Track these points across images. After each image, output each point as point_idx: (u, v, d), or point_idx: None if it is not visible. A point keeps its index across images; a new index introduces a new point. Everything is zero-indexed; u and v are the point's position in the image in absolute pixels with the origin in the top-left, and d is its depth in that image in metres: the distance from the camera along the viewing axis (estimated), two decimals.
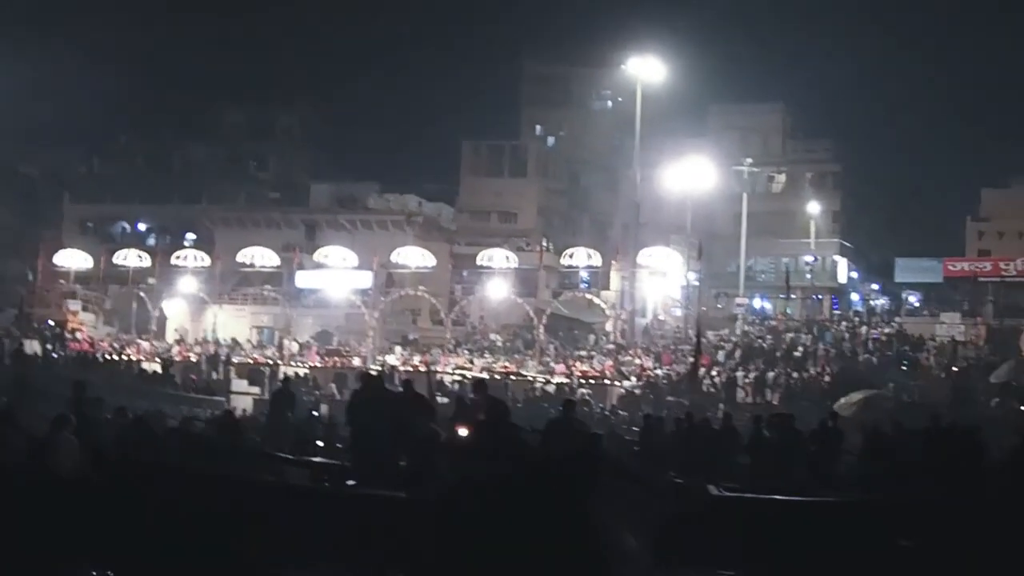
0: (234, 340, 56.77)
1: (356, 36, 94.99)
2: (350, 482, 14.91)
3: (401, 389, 20.90)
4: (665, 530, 11.97)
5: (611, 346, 53.71)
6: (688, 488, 15.28)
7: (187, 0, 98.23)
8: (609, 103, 77.89)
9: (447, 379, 49.47)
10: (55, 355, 48.44)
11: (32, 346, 50.68)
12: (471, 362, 51.95)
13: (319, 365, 53.10)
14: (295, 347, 55.26)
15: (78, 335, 57.30)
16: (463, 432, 16.98)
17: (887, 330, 56.61)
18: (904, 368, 49.22)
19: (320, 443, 24.78)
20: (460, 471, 12.91)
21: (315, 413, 32.92)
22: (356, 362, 53.05)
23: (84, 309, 62.04)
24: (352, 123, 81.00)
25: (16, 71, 66.04)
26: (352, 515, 11.94)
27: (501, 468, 12.34)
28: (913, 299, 68.15)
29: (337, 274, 57.98)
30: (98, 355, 52.10)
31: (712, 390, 46.18)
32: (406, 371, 49.03)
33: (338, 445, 23.56)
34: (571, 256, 57.26)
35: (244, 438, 18.76)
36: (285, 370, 50.92)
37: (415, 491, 12.67)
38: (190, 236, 70.13)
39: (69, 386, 35.50)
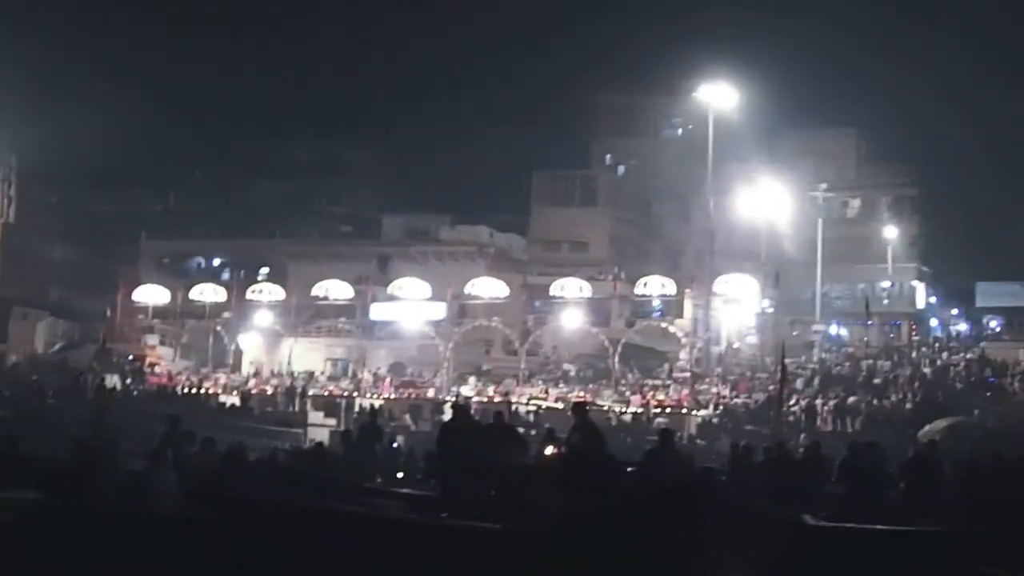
0: (309, 372, 57.03)
1: (425, 69, 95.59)
2: (442, 514, 14.80)
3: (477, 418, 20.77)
4: (770, 563, 11.75)
5: (686, 375, 53.29)
6: (784, 518, 14.99)
7: (256, 42, 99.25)
8: (679, 131, 77.48)
9: (521, 410, 49.31)
10: (135, 391, 48.82)
11: (112, 381, 51.31)
12: (546, 392, 51.79)
13: (394, 396, 53.15)
14: (370, 378, 55.39)
15: (156, 369, 57.89)
16: (549, 451, 16.81)
17: (969, 356, 55.74)
18: (988, 394, 48.39)
19: (400, 474, 24.77)
20: (559, 502, 12.74)
21: (395, 444, 32.90)
22: (430, 393, 53.14)
23: (162, 343, 62.75)
24: (422, 156, 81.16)
25: (92, 113, 67.23)
26: (448, 547, 11.79)
27: (602, 500, 12.18)
28: (995, 324, 67.06)
29: (411, 306, 58.12)
30: (177, 389, 52.50)
31: (790, 418, 45.64)
32: (480, 402, 49.11)
33: (417, 476, 23.54)
34: (645, 285, 56.99)
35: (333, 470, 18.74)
36: (361, 402, 51.15)
37: (511, 523, 12.51)
38: (264, 270, 70.79)
39: (147, 420, 36.02)
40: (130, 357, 58.61)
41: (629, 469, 15.55)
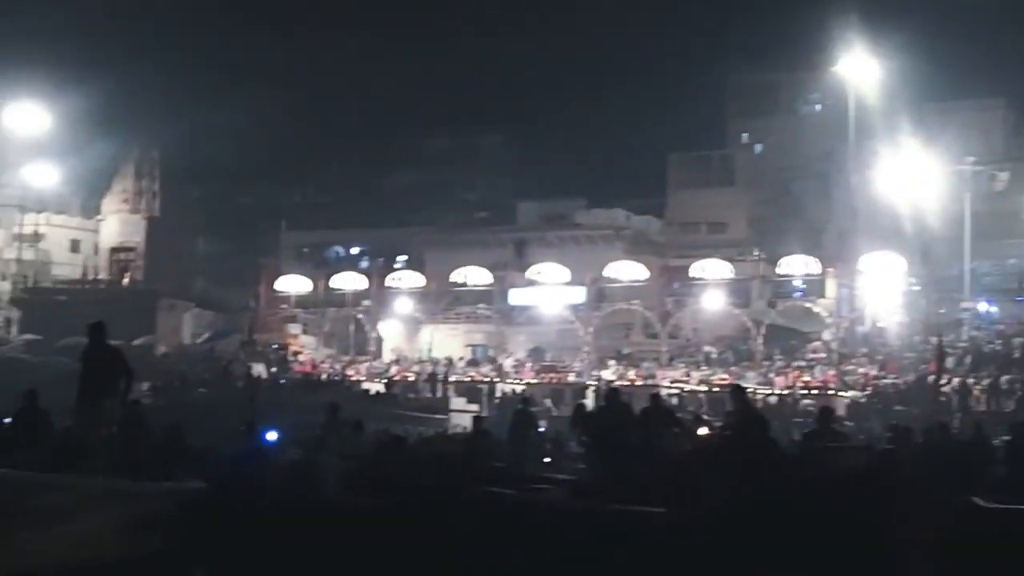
0: (449, 359, 57.35)
1: (558, 54, 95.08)
2: (598, 500, 14.59)
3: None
4: (943, 549, 11.32)
5: (822, 355, 52.34)
6: (955, 501, 14.45)
7: (391, 32, 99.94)
8: (818, 107, 76.03)
9: (662, 393, 48.87)
10: (282, 380, 49.54)
11: (257, 370, 52.20)
12: (688, 375, 51.35)
13: (535, 381, 53.15)
14: (511, 364, 55.49)
15: (300, 358, 58.71)
16: (702, 432, 16.52)
17: None
18: None
19: (547, 459, 24.63)
20: (722, 487, 12.45)
21: (541, 430, 32.80)
22: (571, 378, 53.03)
23: (304, 332, 63.67)
24: (556, 140, 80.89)
25: (232, 108, 68.42)
26: (613, 533, 11.58)
27: (767, 483, 11.88)
28: None
29: (549, 290, 58.05)
30: (321, 377, 53.17)
31: (942, 398, 44.48)
32: (623, 386, 48.88)
33: (563, 461, 23.37)
34: (787, 264, 56.08)
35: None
36: (502, 387, 51.27)
37: (674, 508, 12.26)
38: (401, 258, 71.49)
39: (295, 409, 36.47)
40: (274, 346, 59.53)
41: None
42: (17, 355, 58.17)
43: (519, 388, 51.63)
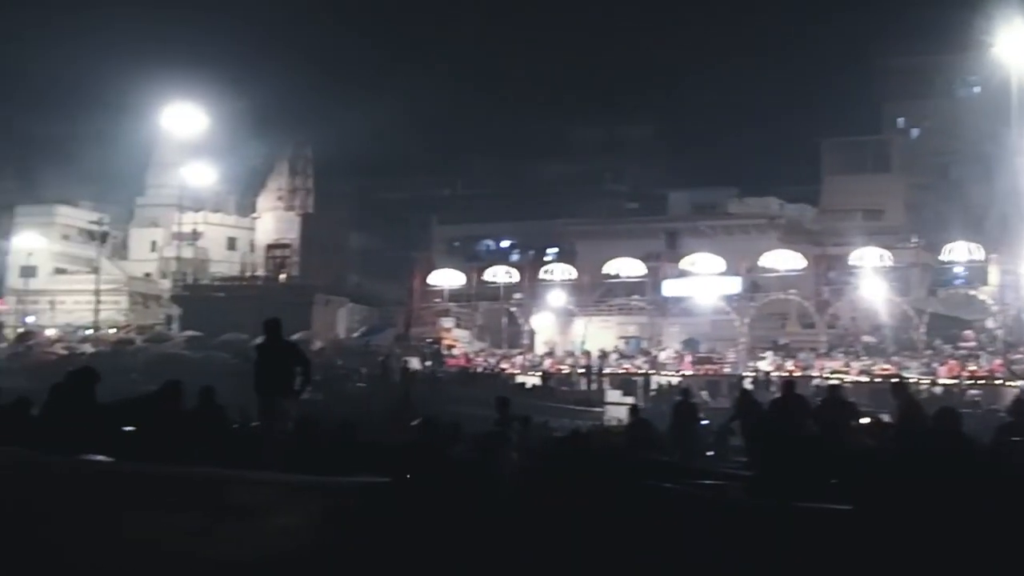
0: (602, 351, 57.14)
1: (709, 42, 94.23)
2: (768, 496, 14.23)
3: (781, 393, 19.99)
4: None
5: (992, 344, 50.77)
6: None
7: (539, 24, 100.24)
8: (976, 89, 73.81)
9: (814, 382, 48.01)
10: (439, 374, 49.87)
11: (412, 364, 52.65)
12: (847, 365, 50.30)
13: (690, 373, 52.64)
14: (666, 355, 55.08)
15: (454, 351, 59.07)
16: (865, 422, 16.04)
17: None
18: None
19: (710, 452, 24.26)
20: (905, 484, 12.01)
21: (704, 422, 32.38)
22: (727, 369, 52.41)
23: (457, 326, 64.09)
24: (707, 129, 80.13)
25: (382, 104, 69.23)
26: (794, 531, 11.26)
27: (956, 481, 11.43)
28: None
29: (704, 281, 57.46)
30: (475, 370, 53.42)
31: None
32: (780, 377, 48.19)
33: (723, 455, 22.96)
34: (949, 251, 54.57)
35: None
36: (658, 379, 50.93)
37: (857, 505, 11.87)
38: (552, 250, 71.56)
39: (452, 402, 36.60)
40: (428, 340, 60.02)
41: None
42: (179, 351, 59.54)
43: (674, 380, 51.17)
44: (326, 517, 10.22)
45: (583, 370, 52.64)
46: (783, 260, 56.58)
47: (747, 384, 48.19)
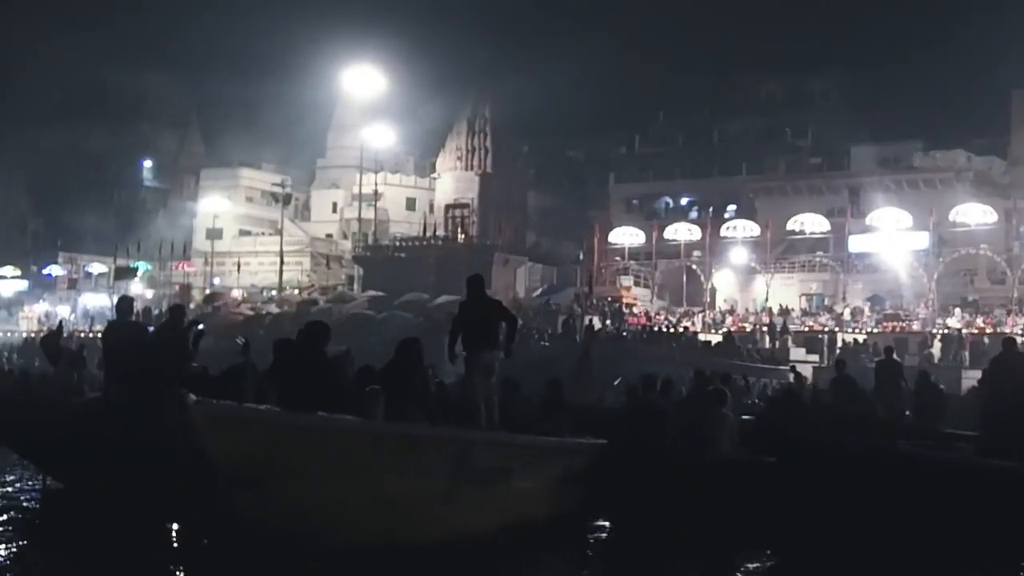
0: (784, 308, 56.19)
1: None
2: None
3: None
4: None
5: None
6: None
7: None
8: None
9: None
10: (624, 332, 49.53)
11: (594, 323, 52.38)
12: None
13: (876, 331, 51.35)
14: (849, 313, 53.88)
15: (635, 310, 58.69)
16: None
17: None
18: None
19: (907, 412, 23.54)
20: None
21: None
22: (915, 326, 50.99)
23: (635, 284, 63.72)
24: (890, 82, 77.99)
25: (560, 62, 69.00)
26: None
27: None
28: None
29: (891, 236, 56.02)
30: (659, 328, 52.95)
31: None
32: (970, 334, 46.86)
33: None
34: None
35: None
36: (843, 336, 49.83)
37: None
38: (731, 208, 70.66)
39: (640, 361, 36.25)
40: (608, 299, 59.78)
41: None
42: (362, 311, 60.34)
43: (860, 338, 49.93)
44: (561, 480, 10.12)
45: (767, 327, 51.70)
46: (976, 214, 54.78)
47: (936, 342, 47.01)
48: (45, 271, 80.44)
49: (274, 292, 71.52)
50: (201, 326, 14.89)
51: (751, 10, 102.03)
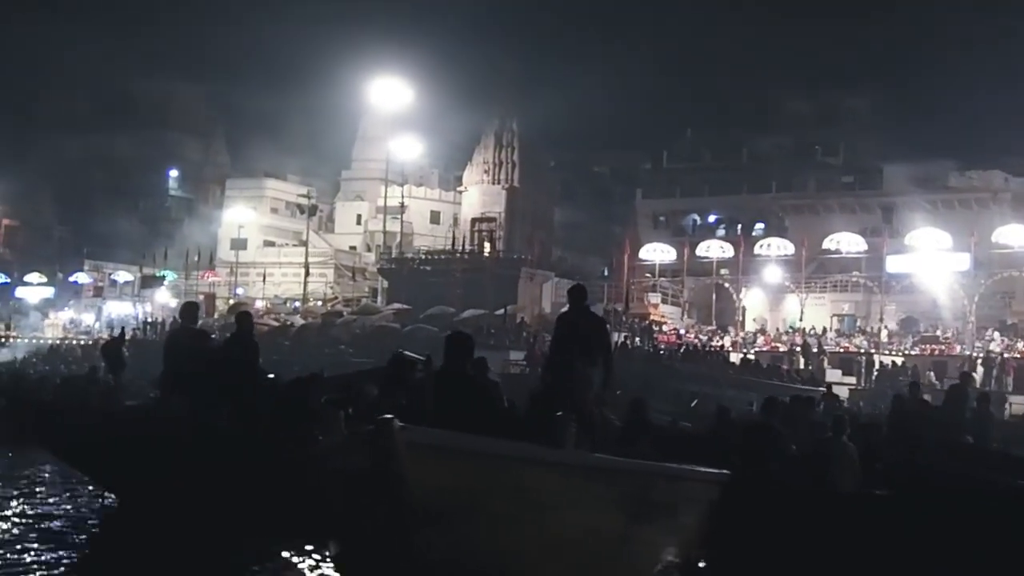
0: (816, 328, 55.48)
1: (925, 8, 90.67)
2: None
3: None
4: None
5: None
6: None
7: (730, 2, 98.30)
8: None
9: None
10: (662, 351, 48.75)
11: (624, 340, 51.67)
12: None
13: (914, 353, 50.59)
14: (886, 334, 53.13)
15: (664, 328, 57.98)
16: None
17: None
18: None
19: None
20: None
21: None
22: (956, 349, 50.25)
23: (663, 302, 63.00)
24: (924, 100, 77.08)
25: (587, 77, 68.43)
26: None
27: None
28: None
29: (931, 257, 55.28)
30: (688, 347, 52.24)
31: None
32: (1013, 358, 46.04)
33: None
34: None
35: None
36: (880, 358, 49.08)
37: None
38: (759, 226, 69.91)
39: (674, 379, 35.52)
40: (636, 316, 59.09)
41: None
42: (387, 323, 59.77)
43: (898, 360, 49.19)
44: (706, 515, 9.39)
45: (802, 348, 50.96)
46: (1015, 236, 54.07)
47: (978, 365, 46.19)
48: (71, 278, 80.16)
49: (298, 303, 71.01)
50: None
51: (780, 26, 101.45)
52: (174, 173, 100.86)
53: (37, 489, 14.72)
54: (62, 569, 9.64)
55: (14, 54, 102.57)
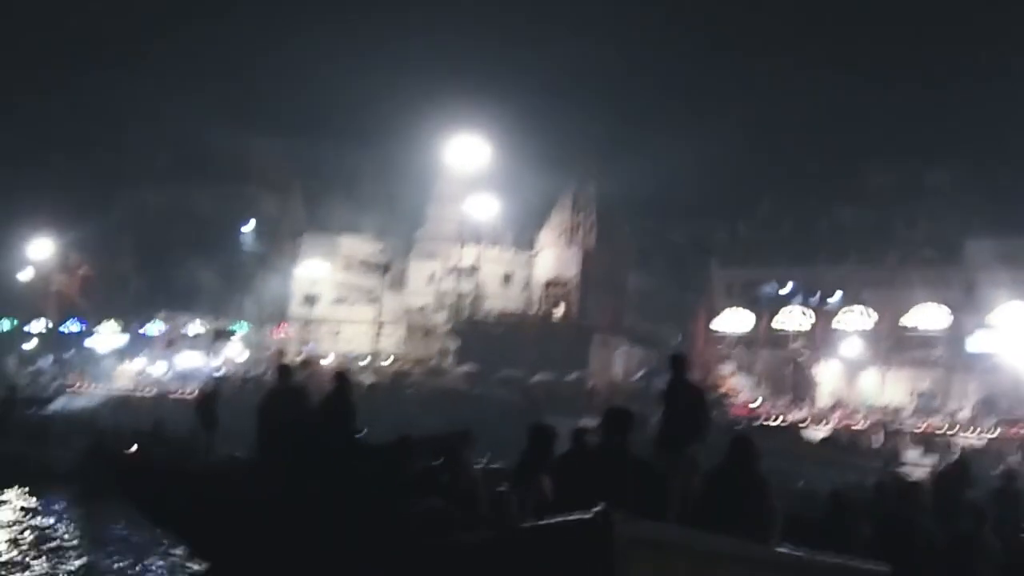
0: (892, 405, 54.47)
1: (1014, 81, 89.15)
2: None
3: None
4: None
5: None
6: None
7: (825, 62, 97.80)
8: None
9: None
10: (738, 424, 47.97)
11: None
12: None
13: (994, 435, 49.34)
14: (966, 414, 51.95)
15: (735, 399, 57.17)
16: None
17: None
18: None
19: None
20: None
21: None
22: None
23: (735, 372, 62.19)
24: (1008, 174, 75.57)
25: (668, 143, 68.19)
26: None
27: None
28: None
29: (1013, 336, 54.10)
30: (762, 421, 51.45)
31: None
32: None
33: None
34: None
35: None
36: (962, 439, 47.95)
37: None
38: (836, 296, 68.83)
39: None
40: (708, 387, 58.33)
41: None
42: (457, 386, 59.54)
43: (978, 443, 47.95)
44: None
45: (879, 425, 49.96)
46: None
47: None
48: (142, 329, 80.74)
49: (366, 361, 70.92)
50: None
51: (863, 95, 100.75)
52: (250, 227, 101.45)
53: (129, 554, 14.43)
54: None
55: (100, 109, 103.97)
